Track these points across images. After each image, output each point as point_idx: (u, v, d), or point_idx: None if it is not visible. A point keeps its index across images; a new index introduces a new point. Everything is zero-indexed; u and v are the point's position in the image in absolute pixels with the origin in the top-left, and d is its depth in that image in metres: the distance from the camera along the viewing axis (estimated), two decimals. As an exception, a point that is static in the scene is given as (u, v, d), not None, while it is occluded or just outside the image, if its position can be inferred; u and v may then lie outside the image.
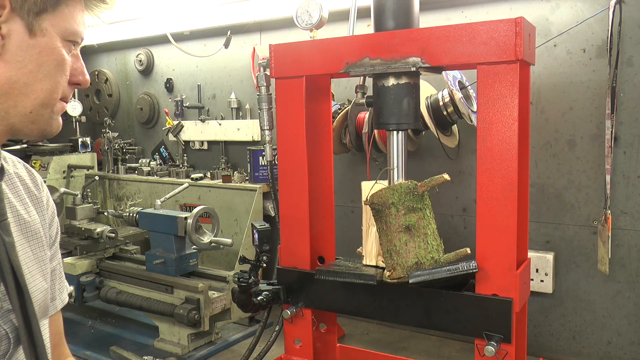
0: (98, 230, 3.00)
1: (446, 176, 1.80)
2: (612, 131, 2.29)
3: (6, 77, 0.92)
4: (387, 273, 1.91)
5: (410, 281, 1.78)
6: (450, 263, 1.79)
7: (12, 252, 0.95)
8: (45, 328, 1.09)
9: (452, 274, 1.75)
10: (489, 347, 1.70)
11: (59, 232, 1.18)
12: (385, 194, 1.84)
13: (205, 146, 3.68)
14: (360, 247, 2.10)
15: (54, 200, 1.14)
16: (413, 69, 1.77)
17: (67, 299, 1.21)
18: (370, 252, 2.05)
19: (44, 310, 1.08)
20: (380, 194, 1.85)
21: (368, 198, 1.88)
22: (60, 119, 1.02)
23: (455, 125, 2.56)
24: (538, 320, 2.59)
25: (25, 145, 3.80)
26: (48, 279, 1.10)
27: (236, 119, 3.49)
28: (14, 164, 1.11)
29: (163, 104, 3.92)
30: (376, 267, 2.00)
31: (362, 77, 2.05)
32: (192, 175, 3.46)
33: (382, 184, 1.96)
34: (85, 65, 1.03)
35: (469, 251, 1.77)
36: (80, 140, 4.03)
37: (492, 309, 1.73)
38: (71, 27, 0.97)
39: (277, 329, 2.35)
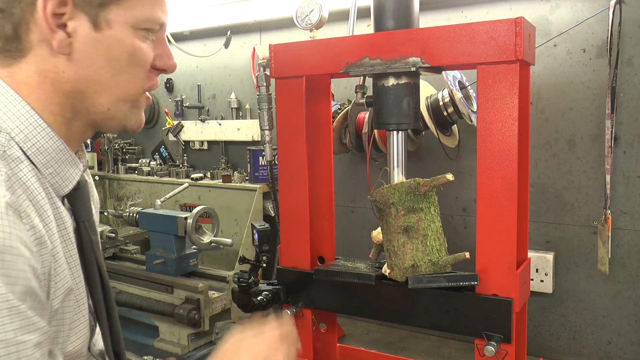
0: (98, 230, 2.99)
1: (449, 176, 1.76)
2: (612, 131, 2.29)
3: (79, 76, 0.90)
4: (387, 271, 1.92)
5: (410, 286, 1.79)
6: (450, 274, 1.79)
7: (97, 249, 1.01)
8: None
9: (451, 285, 1.76)
10: (489, 347, 1.70)
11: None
12: (387, 193, 1.83)
13: (205, 146, 3.68)
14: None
15: None
16: (413, 69, 1.77)
17: None
18: None
19: None
20: (382, 192, 1.84)
21: (372, 194, 1.87)
22: (142, 114, 1.00)
23: (455, 125, 2.56)
24: (538, 320, 2.59)
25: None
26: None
27: (236, 119, 3.48)
28: None
29: (163, 104, 3.92)
30: (379, 267, 2.00)
31: (362, 77, 2.05)
32: (192, 175, 3.46)
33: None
34: None
35: (467, 256, 1.77)
36: (80, 140, 4.03)
37: (492, 309, 1.73)
38: (142, 14, 0.92)
39: (276, 329, 2.35)
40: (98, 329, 1.07)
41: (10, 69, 0.90)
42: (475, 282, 1.74)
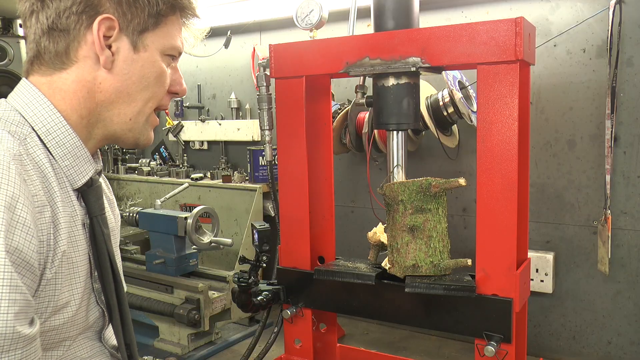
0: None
1: (462, 181, 1.74)
2: (612, 131, 2.29)
3: (114, 88, 1.05)
4: (388, 265, 1.92)
5: (407, 290, 1.79)
6: (448, 282, 1.79)
7: (109, 242, 1.09)
8: None
9: (449, 294, 1.76)
10: (489, 347, 1.70)
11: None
12: (397, 189, 1.81)
13: (205, 146, 3.68)
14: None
15: None
16: (413, 69, 1.77)
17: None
18: None
19: None
20: (392, 187, 1.83)
21: (382, 187, 1.87)
22: (151, 132, 1.14)
23: (455, 125, 2.56)
24: (538, 320, 2.59)
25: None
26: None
27: (236, 119, 3.48)
28: None
29: (163, 104, 3.92)
30: (378, 267, 2.00)
31: (362, 77, 2.05)
32: (192, 175, 3.46)
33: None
34: None
35: (469, 263, 1.77)
36: (80, 140, 4.02)
37: (492, 309, 1.73)
38: (169, 43, 1.10)
39: (275, 330, 2.35)
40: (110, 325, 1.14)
41: (49, 77, 1.04)
42: (472, 294, 1.73)
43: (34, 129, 1.00)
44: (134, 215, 2.98)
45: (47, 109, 1.02)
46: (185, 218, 2.69)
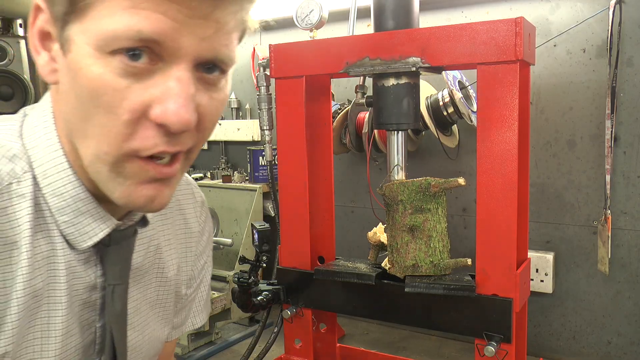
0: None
1: (461, 181, 1.74)
2: (612, 131, 2.29)
3: (63, 115, 0.69)
4: (388, 265, 1.92)
5: (407, 289, 1.79)
6: (448, 282, 1.79)
7: (121, 320, 0.83)
8: None
9: (449, 293, 1.76)
10: (489, 347, 1.70)
11: (209, 263, 1.06)
12: (397, 189, 1.82)
13: (205, 146, 3.68)
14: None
15: None
16: (413, 69, 1.77)
17: (196, 325, 1.12)
18: None
19: (153, 353, 1.00)
20: (392, 187, 1.83)
21: (382, 187, 1.87)
22: (138, 187, 0.67)
23: (455, 125, 2.56)
24: (538, 320, 2.59)
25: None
26: (170, 321, 1.01)
27: (236, 119, 3.49)
28: (179, 191, 0.99)
29: (163, 104, 3.91)
30: (379, 267, 2.00)
31: (362, 77, 2.05)
32: (192, 175, 3.46)
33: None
34: None
35: (469, 262, 1.77)
36: (80, 140, 4.02)
37: (492, 309, 1.73)
38: (106, 28, 0.59)
39: (275, 330, 2.35)
40: None
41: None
42: (472, 294, 1.74)
43: (32, 167, 0.71)
44: (134, 215, 2.98)
45: (49, 143, 0.71)
46: (185, 218, 2.68)
